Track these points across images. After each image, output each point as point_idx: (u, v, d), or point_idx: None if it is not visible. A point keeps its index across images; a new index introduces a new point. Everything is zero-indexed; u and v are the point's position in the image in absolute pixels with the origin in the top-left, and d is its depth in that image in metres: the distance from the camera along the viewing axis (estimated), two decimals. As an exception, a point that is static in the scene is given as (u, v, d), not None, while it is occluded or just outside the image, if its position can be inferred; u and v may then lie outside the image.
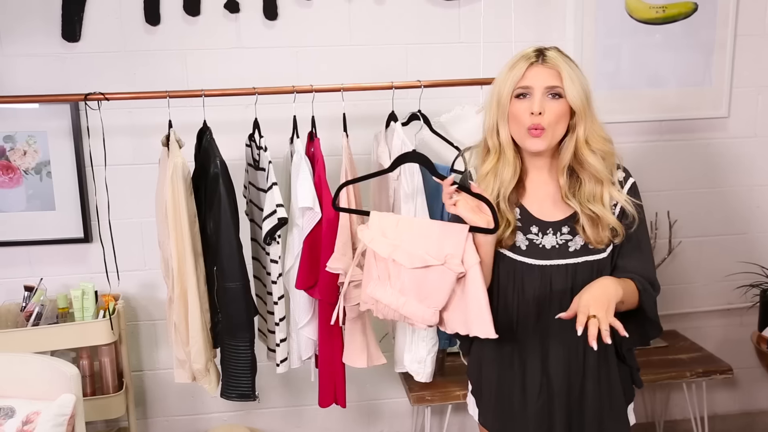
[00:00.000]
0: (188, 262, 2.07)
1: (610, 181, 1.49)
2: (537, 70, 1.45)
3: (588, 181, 1.49)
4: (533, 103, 1.44)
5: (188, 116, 2.16)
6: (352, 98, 2.22)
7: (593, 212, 1.48)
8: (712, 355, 2.61)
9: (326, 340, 2.15)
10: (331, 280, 2.05)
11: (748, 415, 3.02)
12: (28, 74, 2.40)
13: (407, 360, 2.18)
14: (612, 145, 1.52)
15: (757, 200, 2.87)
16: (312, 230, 2.05)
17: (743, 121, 2.79)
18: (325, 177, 2.07)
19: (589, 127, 1.48)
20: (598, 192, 1.49)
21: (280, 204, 2.06)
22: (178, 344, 2.16)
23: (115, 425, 2.61)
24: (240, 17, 2.45)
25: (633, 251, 1.52)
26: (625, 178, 1.53)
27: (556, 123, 1.46)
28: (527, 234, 1.52)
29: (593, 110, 1.50)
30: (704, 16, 2.66)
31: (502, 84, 1.48)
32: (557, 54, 1.47)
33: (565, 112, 1.46)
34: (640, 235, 1.53)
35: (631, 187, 1.53)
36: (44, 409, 1.84)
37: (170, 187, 2.04)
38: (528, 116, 1.45)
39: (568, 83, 1.44)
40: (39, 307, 2.31)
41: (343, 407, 2.20)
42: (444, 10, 2.54)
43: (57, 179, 2.45)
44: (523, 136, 1.48)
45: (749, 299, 2.87)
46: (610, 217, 1.48)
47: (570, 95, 1.44)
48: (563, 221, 1.51)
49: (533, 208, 1.54)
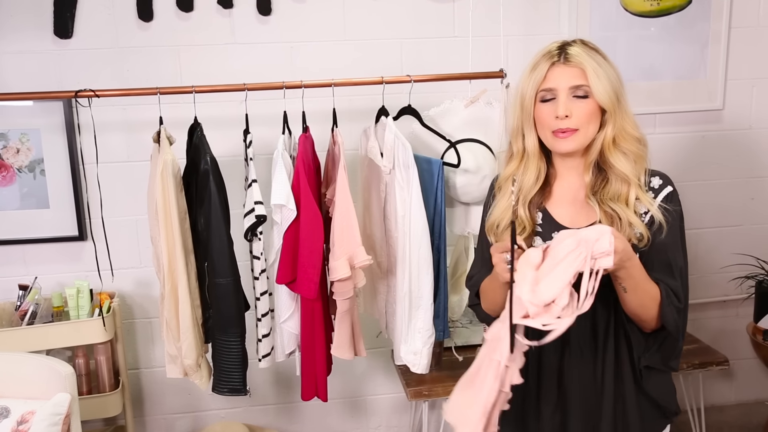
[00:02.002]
0: (178, 258, 2.07)
1: (639, 184, 1.40)
2: (560, 70, 1.37)
3: (614, 181, 1.40)
4: (558, 106, 1.36)
5: (181, 112, 2.15)
6: (345, 93, 2.21)
7: (613, 210, 1.38)
8: (708, 347, 2.61)
9: (308, 335, 2.15)
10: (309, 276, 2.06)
11: (745, 406, 3.04)
12: (20, 71, 2.38)
13: (403, 351, 2.17)
14: (645, 147, 1.42)
15: (752, 192, 2.87)
16: (289, 226, 2.05)
17: (738, 114, 2.79)
18: (304, 173, 2.06)
19: (619, 125, 1.38)
20: (623, 192, 1.39)
21: (258, 201, 2.06)
22: (169, 340, 2.16)
23: (112, 424, 2.61)
24: (233, 13, 2.44)
25: (661, 264, 1.40)
26: (662, 186, 1.43)
27: (587, 124, 1.37)
28: (547, 240, 1.43)
29: (625, 106, 1.40)
30: (699, 8, 2.65)
31: (524, 86, 1.40)
32: (581, 49, 1.37)
33: (594, 110, 1.37)
34: (671, 248, 1.40)
35: (667, 195, 1.42)
36: (39, 408, 1.84)
37: (160, 183, 2.03)
38: (554, 120, 1.37)
39: (593, 80, 1.35)
40: (34, 306, 2.30)
41: (325, 401, 2.20)
42: (438, 4, 2.53)
43: (51, 177, 2.44)
44: (550, 138, 1.40)
45: (745, 291, 2.87)
46: (633, 218, 1.37)
47: (597, 93, 1.35)
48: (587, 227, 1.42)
49: (557, 212, 1.45)
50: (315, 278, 2.05)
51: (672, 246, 1.41)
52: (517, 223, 1.43)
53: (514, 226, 1.29)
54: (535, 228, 1.45)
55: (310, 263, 2.04)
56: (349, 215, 2.06)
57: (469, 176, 2.20)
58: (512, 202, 1.46)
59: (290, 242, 2.06)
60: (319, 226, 2.05)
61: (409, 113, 2.23)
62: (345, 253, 2.04)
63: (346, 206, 2.06)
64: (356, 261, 2.04)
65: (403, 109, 2.23)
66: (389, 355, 2.70)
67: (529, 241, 1.45)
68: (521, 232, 1.44)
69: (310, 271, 2.04)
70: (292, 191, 2.05)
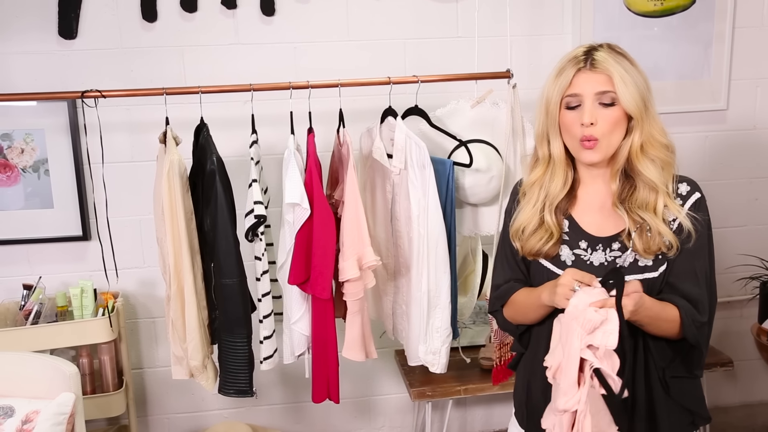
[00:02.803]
0: (185, 259, 2.06)
1: (667, 192, 1.38)
2: (586, 76, 1.35)
3: (642, 188, 1.38)
4: (584, 113, 1.34)
5: (186, 113, 2.15)
6: (349, 93, 2.21)
7: (642, 219, 1.37)
8: (712, 348, 2.61)
9: (320, 336, 2.14)
10: (323, 276, 2.05)
11: (749, 407, 3.03)
12: (25, 72, 2.39)
13: (422, 351, 2.17)
14: (673, 154, 1.40)
15: (756, 192, 2.87)
16: (303, 226, 2.04)
17: (742, 114, 2.78)
18: (316, 172, 2.06)
19: (646, 132, 1.37)
20: (651, 200, 1.37)
21: (257, 201, 2.05)
22: (175, 341, 2.16)
23: (116, 423, 2.61)
24: (237, 13, 2.44)
25: (687, 272, 1.39)
26: (690, 192, 1.41)
27: (611, 132, 1.35)
28: (574, 249, 1.42)
29: (653, 113, 1.38)
30: (702, 8, 2.65)
31: (550, 91, 1.39)
32: (608, 54, 1.35)
33: (620, 118, 1.35)
34: (697, 254, 1.40)
35: (695, 202, 1.40)
36: (44, 408, 1.84)
37: (167, 184, 2.03)
38: (579, 127, 1.35)
39: (620, 87, 1.33)
40: (38, 306, 2.30)
41: (336, 403, 2.20)
42: (442, 4, 2.53)
43: (55, 177, 2.45)
44: (576, 147, 1.38)
45: (749, 291, 2.87)
46: (662, 227, 1.36)
47: (624, 100, 1.33)
48: (615, 237, 1.40)
49: (583, 220, 1.44)
50: (329, 278, 2.04)
51: (699, 253, 1.41)
52: (543, 230, 1.41)
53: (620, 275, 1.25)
54: (562, 236, 1.44)
55: (325, 263, 2.03)
56: (359, 216, 2.05)
57: (478, 176, 2.20)
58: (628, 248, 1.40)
59: (303, 242, 2.05)
60: (332, 225, 2.04)
61: (416, 113, 2.23)
62: (354, 253, 2.04)
63: (356, 206, 2.05)
64: (364, 261, 2.04)
65: (409, 109, 2.22)
66: (392, 355, 2.70)
67: (556, 249, 1.44)
68: (548, 239, 1.42)
69: (325, 271, 2.03)
70: (306, 190, 2.04)
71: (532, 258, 1.48)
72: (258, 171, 2.17)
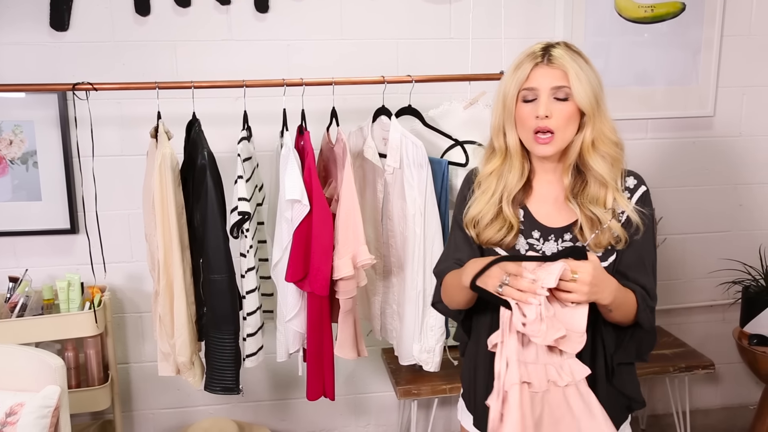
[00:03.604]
0: (175, 254, 2.06)
1: (616, 187, 1.44)
2: (542, 71, 1.40)
3: (593, 183, 1.44)
4: (539, 106, 1.39)
5: (177, 108, 2.15)
6: (342, 92, 2.21)
7: (593, 214, 1.43)
8: (694, 351, 2.64)
9: (315, 333, 2.14)
10: (322, 273, 2.05)
11: (729, 410, 3.07)
12: (15, 63, 2.37)
13: (416, 350, 2.18)
14: (622, 151, 1.45)
15: (740, 198, 2.91)
16: (301, 223, 2.04)
17: (728, 121, 2.82)
18: (315, 170, 2.07)
19: (598, 128, 1.42)
20: (601, 195, 1.43)
21: (242, 198, 2.05)
22: (162, 337, 2.15)
23: (100, 418, 2.60)
24: (231, 9, 2.44)
25: (636, 262, 1.46)
26: (637, 186, 1.48)
27: (565, 126, 1.40)
28: (528, 238, 1.48)
29: (604, 110, 1.43)
30: (692, 15, 2.68)
31: (507, 85, 1.43)
32: (564, 51, 1.40)
33: (573, 113, 1.41)
34: (645, 246, 1.46)
35: (641, 195, 1.47)
36: (28, 400, 1.82)
37: (158, 177, 2.02)
38: (534, 120, 1.40)
39: (575, 83, 1.38)
40: (24, 298, 2.29)
41: (332, 400, 2.20)
42: (435, 6, 2.54)
43: (44, 169, 2.43)
44: (530, 140, 1.43)
45: (731, 296, 2.91)
46: (612, 222, 1.42)
47: (578, 96, 1.38)
48: (567, 228, 1.46)
49: (538, 211, 1.49)
50: (328, 275, 2.04)
51: (646, 245, 1.47)
52: (501, 220, 1.46)
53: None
54: (519, 228, 1.48)
55: (324, 260, 2.03)
56: (355, 214, 2.06)
57: None
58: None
59: (302, 238, 2.05)
60: (330, 222, 2.05)
61: (410, 113, 2.24)
62: (349, 251, 2.04)
63: (352, 204, 2.06)
64: (359, 260, 2.05)
65: (403, 108, 2.23)
66: (379, 354, 2.71)
67: (515, 240, 1.48)
68: (508, 230, 1.46)
69: (324, 268, 2.04)
70: (305, 187, 2.04)
71: (486, 247, 1.52)
72: (250, 168, 2.17)
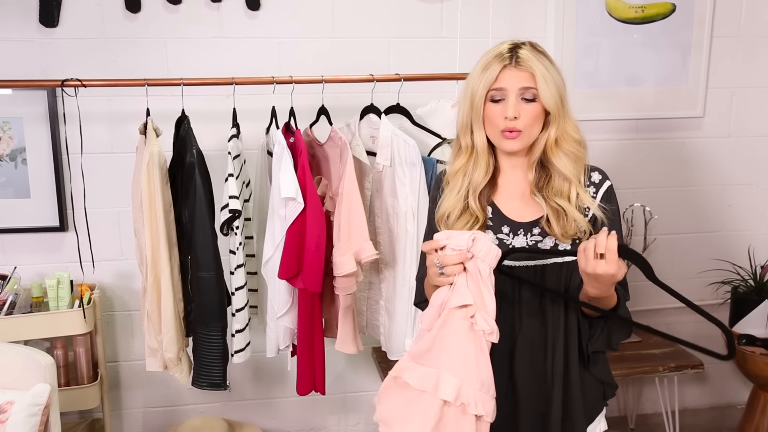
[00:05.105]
0: (162, 250, 2.06)
1: (579, 183, 1.48)
2: (511, 73, 1.43)
3: (557, 178, 1.48)
4: (508, 108, 1.43)
5: (167, 105, 2.14)
6: (331, 90, 2.21)
7: (559, 205, 1.46)
8: (683, 350, 2.65)
9: (307, 329, 2.15)
10: (316, 270, 2.06)
11: (718, 409, 3.09)
12: (4, 59, 2.36)
13: (408, 346, 2.19)
14: (584, 149, 1.50)
15: (729, 199, 2.93)
16: (295, 220, 2.04)
17: (717, 122, 2.84)
18: (308, 168, 2.07)
19: (561, 127, 1.46)
20: (565, 189, 1.47)
21: (232, 195, 2.06)
22: (150, 333, 2.15)
23: (90, 416, 2.59)
24: (222, 6, 2.44)
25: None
26: (602, 181, 1.52)
27: (532, 125, 1.45)
28: (497, 234, 1.50)
29: (568, 110, 1.48)
30: (682, 17, 2.70)
31: (475, 84, 1.46)
32: (531, 53, 1.44)
33: (540, 113, 1.45)
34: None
35: (606, 190, 1.51)
36: (18, 398, 1.82)
37: (146, 175, 2.02)
38: (503, 120, 1.44)
39: (542, 85, 1.42)
40: (13, 296, 2.27)
41: (323, 394, 2.21)
42: (427, 5, 2.55)
43: (32, 166, 2.42)
44: (497, 137, 1.46)
45: (721, 296, 2.93)
46: (576, 214, 1.46)
47: (544, 97, 1.43)
48: (535, 222, 1.49)
49: (505, 207, 1.52)
50: (321, 272, 2.06)
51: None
52: (468, 214, 1.49)
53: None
54: (486, 221, 1.51)
55: (318, 257, 2.05)
56: (359, 210, 2.06)
57: None
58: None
59: (295, 236, 2.06)
60: (324, 220, 2.06)
61: (398, 111, 2.24)
62: (352, 248, 2.05)
63: (355, 201, 2.06)
64: (363, 256, 2.06)
65: (391, 106, 2.24)
66: (369, 352, 2.71)
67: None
68: (474, 223, 1.49)
69: (317, 265, 2.05)
70: (299, 185, 2.05)
71: None
72: (239, 165, 2.17)
